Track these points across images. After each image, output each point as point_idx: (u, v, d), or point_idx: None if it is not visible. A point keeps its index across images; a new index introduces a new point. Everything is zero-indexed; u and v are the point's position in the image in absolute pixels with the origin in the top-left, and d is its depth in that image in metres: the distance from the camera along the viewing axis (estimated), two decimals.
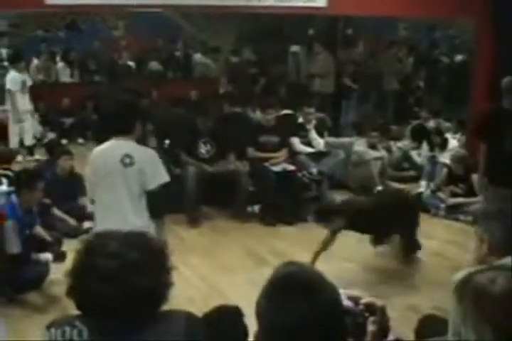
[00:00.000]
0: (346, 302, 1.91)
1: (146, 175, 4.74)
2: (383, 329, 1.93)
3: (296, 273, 1.96)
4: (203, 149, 8.72)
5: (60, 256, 6.14)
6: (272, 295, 1.90)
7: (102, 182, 4.82)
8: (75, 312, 2.23)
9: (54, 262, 6.06)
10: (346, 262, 6.93)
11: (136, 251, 2.19)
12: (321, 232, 6.42)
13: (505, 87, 6.54)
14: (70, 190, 7.90)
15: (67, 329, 2.17)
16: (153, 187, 4.75)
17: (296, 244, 7.59)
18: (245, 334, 3.81)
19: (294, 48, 14.96)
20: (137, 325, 2.16)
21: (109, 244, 2.22)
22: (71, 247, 5.53)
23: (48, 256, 6.07)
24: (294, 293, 1.86)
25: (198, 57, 16.17)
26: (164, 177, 4.83)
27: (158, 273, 2.21)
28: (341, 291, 1.94)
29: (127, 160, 4.73)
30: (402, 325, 4.51)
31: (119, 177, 4.75)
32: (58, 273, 4.99)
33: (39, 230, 6.36)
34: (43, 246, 6.25)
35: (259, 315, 1.92)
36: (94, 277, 2.15)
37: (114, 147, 4.86)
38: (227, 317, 3.95)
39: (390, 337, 1.99)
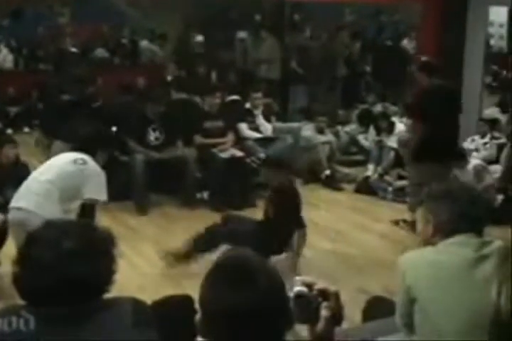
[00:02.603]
0: (301, 288, 1.92)
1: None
2: (337, 315, 1.95)
3: (236, 258, 1.99)
4: (152, 136, 8.67)
5: None
6: (212, 281, 1.92)
7: None
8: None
9: None
10: None
11: (72, 239, 2.19)
12: None
13: None
14: (15, 179, 7.77)
15: (14, 319, 2.16)
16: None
17: None
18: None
19: (241, 34, 14.94)
20: (83, 313, 2.16)
21: (45, 233, 2.22)
22: None
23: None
24: (234, 278, 1.88)
25: (144, 43, 16.07)
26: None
27: (97, 261, 2.20)
28: (296, 278, 1.96)
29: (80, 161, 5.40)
30: (351, 307, 4.55)
31: None
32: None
33: None
34: None
35: (201, 301, 1.94)
36: (31, 266, 2.16)
37: None
38: (177, 306, 3.95)
39: (344, 325, 2.01)
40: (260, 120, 9.84)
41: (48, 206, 5.12)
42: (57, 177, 5.42)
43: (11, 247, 5.45)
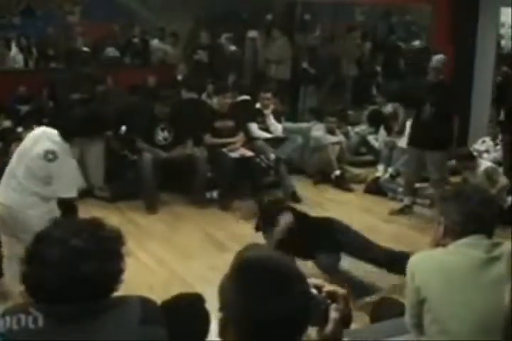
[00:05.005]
0: (311, 290, 1.91)
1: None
2: (345, 317, 1.94)
3: (266, 260, 1.88)
4: (160, 136, 8.67)
5: None
6: (242, 283, 1.81)
7: None
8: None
9: None
10: None
11: (80, 237, 2.18)
12: None
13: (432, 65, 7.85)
14: None
15: (22, 316, 2.16)
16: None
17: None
18: (207, 320, 3.79)
19: (252, 33, 14.89)
20: (92, 311, 2.15)
21: (54, 231, 2.22)
22: None
23: None
24: (267, 280, 1.78)
25: (155, 42, 16.06)
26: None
27: (105, 260, 2.20)
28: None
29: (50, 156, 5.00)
30: (361, 308, 4.55)
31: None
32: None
33: None
34: None
35: (226, 304, 1.83)
36: (40, 264, 2.15)
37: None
38: (188, 305, 3.94)
39: (353, 326, 2.00)
40: (270, 120, 9.84)
41: (28, 201, 5.03)
42: (27, 173, 5.13)
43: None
